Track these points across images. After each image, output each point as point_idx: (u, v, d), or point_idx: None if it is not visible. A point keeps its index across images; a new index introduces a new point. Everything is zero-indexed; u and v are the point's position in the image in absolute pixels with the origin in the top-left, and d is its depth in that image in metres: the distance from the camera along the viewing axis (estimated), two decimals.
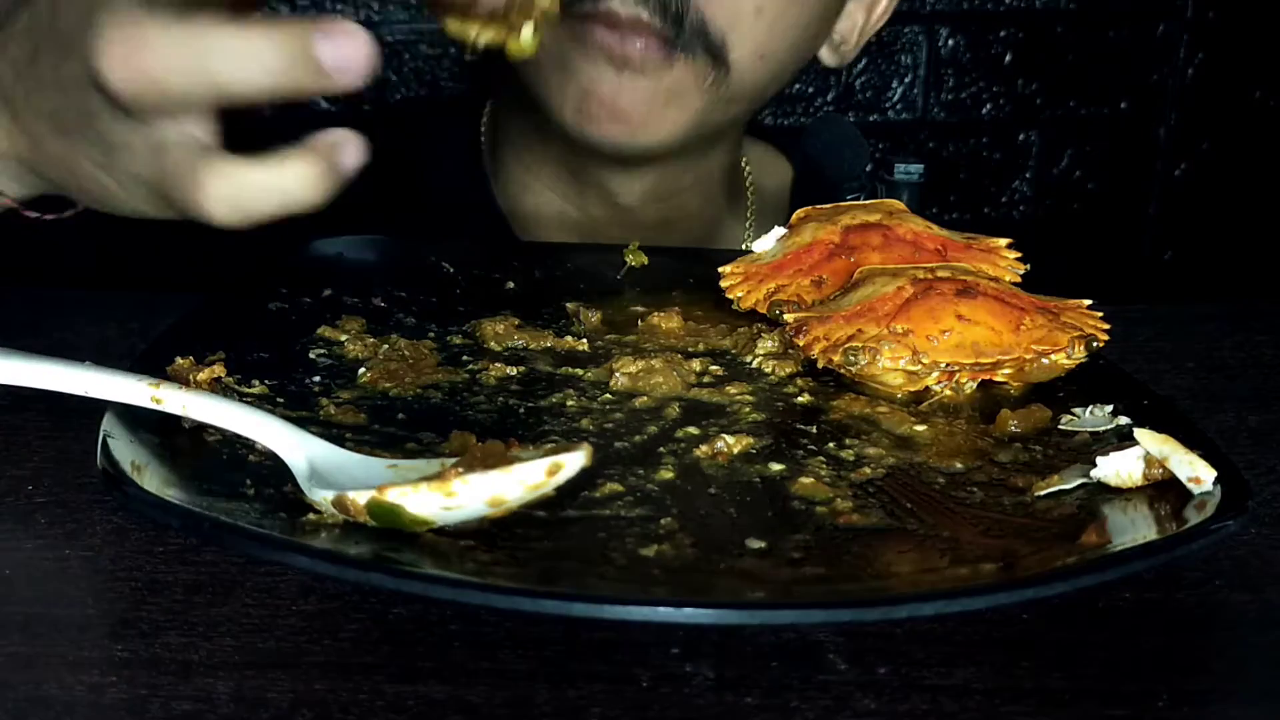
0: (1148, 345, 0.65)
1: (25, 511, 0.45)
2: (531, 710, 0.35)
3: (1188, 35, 1.65)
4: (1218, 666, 0.40)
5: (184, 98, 0.43)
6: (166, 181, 0.45)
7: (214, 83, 0.42)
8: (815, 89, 1.62)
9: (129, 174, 0.46)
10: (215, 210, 0.43)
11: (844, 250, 0.59)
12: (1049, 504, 0.44)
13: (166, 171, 0.45)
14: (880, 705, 0.36)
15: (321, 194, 0.44)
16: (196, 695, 0.35)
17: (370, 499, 0.39)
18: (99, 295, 0.69)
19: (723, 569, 0.39)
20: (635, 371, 0.52)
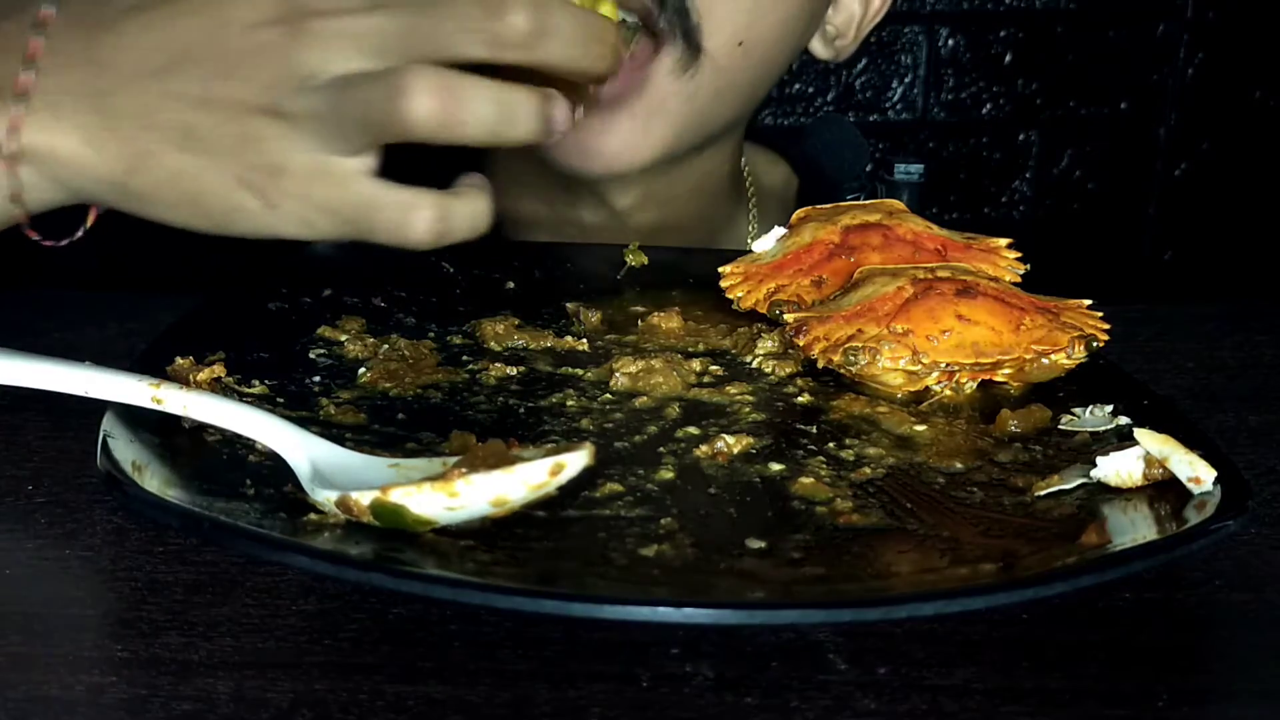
0: (1148, 345, 0.65)
1: (25, 511, 0.45)
2: (531, 710, 0.35)
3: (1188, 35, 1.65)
4: (1218, 666, 0.40)
5: (467, 138, 0.49)
6: (356, 207, 0.50)
7: (492, 131, 0.50)
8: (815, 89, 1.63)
9: (292, 195, 0.50)
10: (422, 237, 0.50)
11: (844, 250, 0.59)
12: (1049, 504, 0.44)
13: (358, 198, 0.50)
14: (880, 705, 0.36)
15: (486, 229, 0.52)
16: (196, 695, 0.35)
17: (374, 499, 0.39)
18: (99, 295, 0.69)
19: (723, 569, 0.39)
20: (635, 371, 0.52)
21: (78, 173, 0.52)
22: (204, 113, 0.50)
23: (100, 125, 0.51)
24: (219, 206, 0.51)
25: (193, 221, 0.53)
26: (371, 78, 0.49)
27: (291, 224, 0.51)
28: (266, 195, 0.50)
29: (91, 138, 0.52)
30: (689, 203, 0.83)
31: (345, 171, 0.50)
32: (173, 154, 0.51)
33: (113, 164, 0.52)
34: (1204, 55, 1.66)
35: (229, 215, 0.52)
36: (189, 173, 0.51)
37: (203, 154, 0.51)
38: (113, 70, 0.51)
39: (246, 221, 0.52)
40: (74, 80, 0.52)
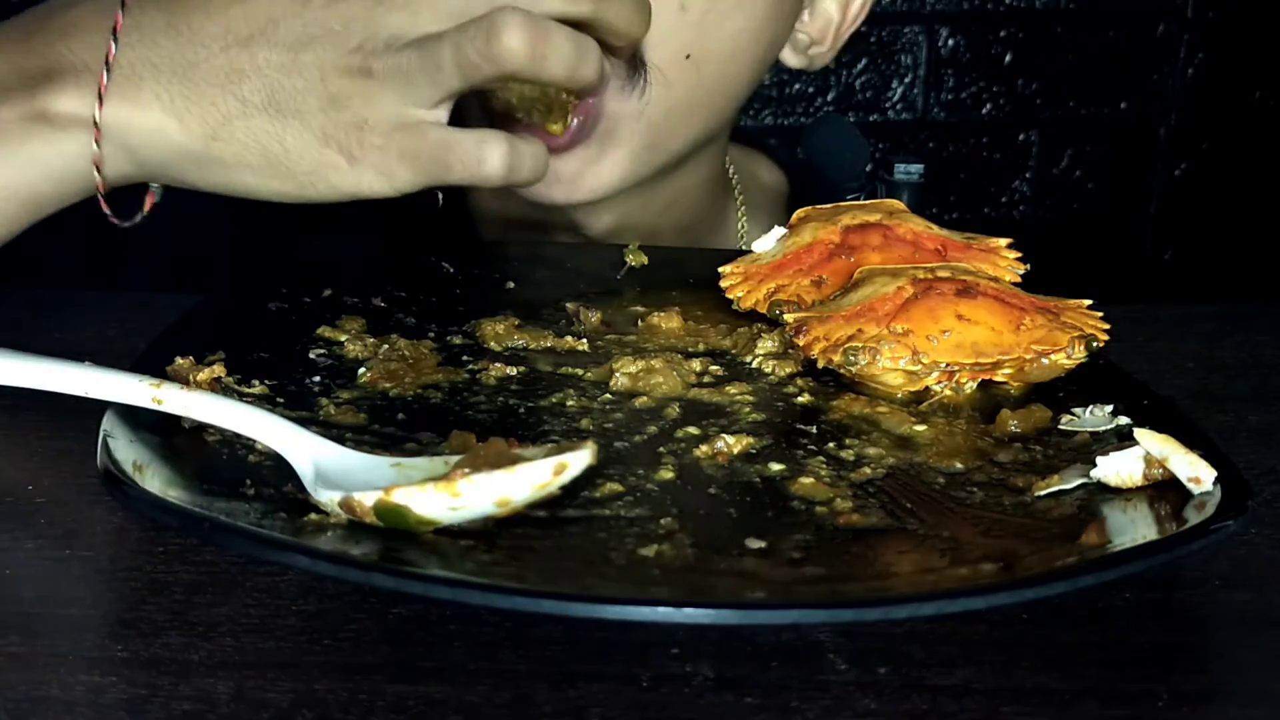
0: (1148, 345, 0.65)
1: (25, 511, 0.45)
2: (531, 710, 0.35)
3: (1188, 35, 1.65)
4: (1218, 666, 0.40)
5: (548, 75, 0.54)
6: (434, 148, 0.54)
7: (570, 68, 0.54)
8: (815, 89, 1.63)
9: (374, 147, 0.54)
10: (495, 168, 0.55)
11: (844, 250, 0.59)
12: (1049, 504, 0.44)
13: (436, 141, 0.54)
14: (880, 705, 0.36)
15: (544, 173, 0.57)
16: (196, 695, 0.35)
17: (377, 501, 0.39)
18: (99, 295, 0.69)
19: (723, 569, 0.39)
20: (635, 371, 0.52)
21: (156, 144, 0.56)
22: (291, 77, 0.54)
23: (183, 95, 0.55)
24: (303, 166, 0.55)
25: (274, 184, 0.56)
26: (464, 26, 0.53)
27: (373, 176, 0.55)
28: (350, 150, 0.55)
29: (173, 107, 0.55)
30: (667, 216, 0.82)
31: (422, 120, 0.55)
32: (258, 118, 0.55)
33: (194, 131, 0.55)
34: (1204, 55, 1.66)
35: (312, 174, 0.55)
36: (274, 134, 0.55)
37: (289, 116, 0.55)
38: (198, 41, 0.55)
39: (329, 178, 0.56)
40: (158, 52, 0.55)
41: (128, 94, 0.55)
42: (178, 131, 0.56)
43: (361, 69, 0.54)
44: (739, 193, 0.88)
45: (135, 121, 0.56)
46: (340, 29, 0.54)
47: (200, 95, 0.55)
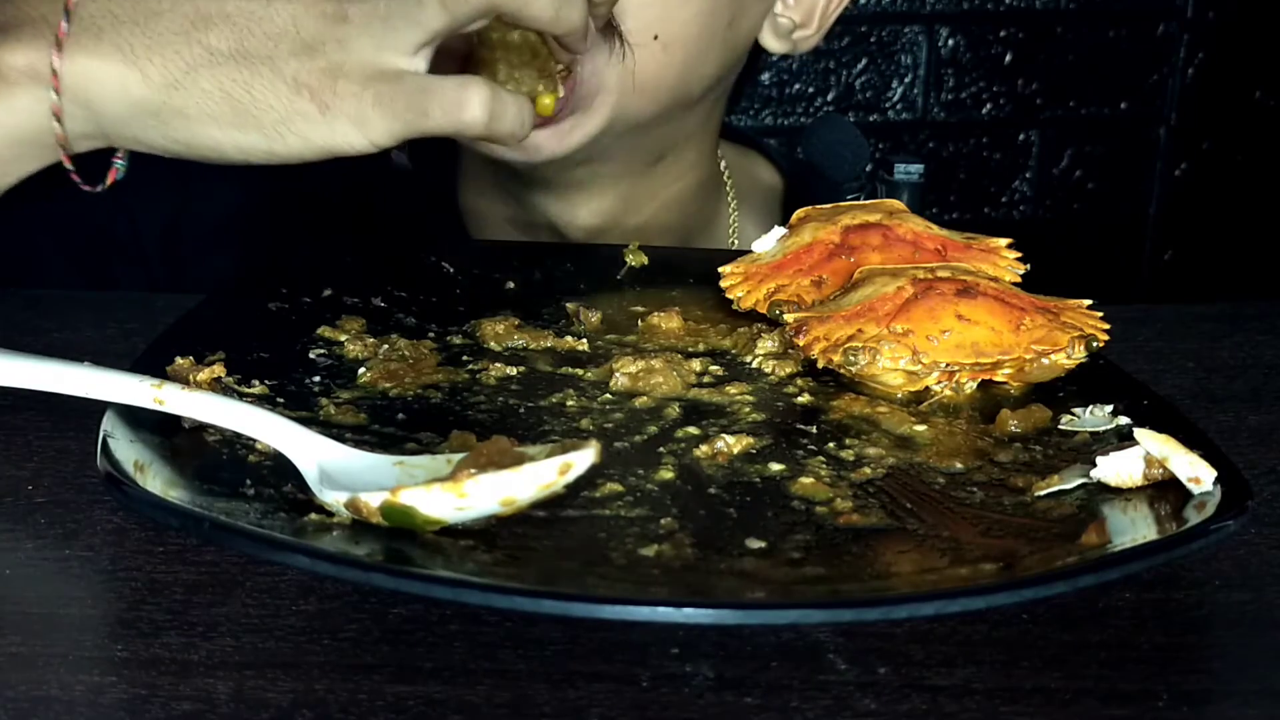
0: (1148, 345, 0.65)
1: (25, 511, 0.45)
2: (531, 710, 0.35)
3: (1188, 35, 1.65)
4: (1218, 666, 0.40)
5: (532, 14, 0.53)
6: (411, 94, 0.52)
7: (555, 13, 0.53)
8: (815, 89, 1.63)
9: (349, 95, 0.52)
10: (476, 114, 0.52)
11: (844, 250, 0.59)
12: (1049, 504, 0.44)
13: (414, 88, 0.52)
14: (880, 705, 0.36)
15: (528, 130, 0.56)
16: (196, 695, 0.35)
17: (384, 502, 0.39)
18: (99, 295, 0.69)
19: (723, 569, 0.39)
20: (635, 371, 0.52)
21: (115, 97, 0.53)
22: (262, 23, 0.52)
23: (145, 45, 0.53)
24: (272, 116, 0.53)
25: (240, 137, 0.53)
26: None
27: (347, 127, 0.52)
28: (323, 98, 0.52)
29: (133, 57, 0.53)
30: (654, 215, 0.82)
31: (399, 68, 0.53)
32: (224, 66, 0.52)
33: (156, 81, 0.53)
34: (1204, 55, 1.66)
35: (281, 124, 0.53)
36: (241, 81, 0.52)
37: (259, 63, 0.52)
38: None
39: (300, 129, 0.53)
40: (120, 4, 0.53)
41: (86, 45, 0.53)
42: (138, 83, 0.53)
43: (336, 14, 0.52)
44: (731, 193, 0.88)
45: (94, 73, 0.53)
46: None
47: (164, 44, 0.53)
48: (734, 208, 0.87)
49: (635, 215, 0.80)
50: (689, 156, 0.81)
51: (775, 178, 0.93)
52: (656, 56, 0.71)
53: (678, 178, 0.81)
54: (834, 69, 1.62)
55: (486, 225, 0.83)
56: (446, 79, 0.53)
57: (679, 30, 0.71)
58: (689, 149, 0.81)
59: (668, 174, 0.80)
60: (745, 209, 0.88)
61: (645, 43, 0.70)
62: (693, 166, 0.83)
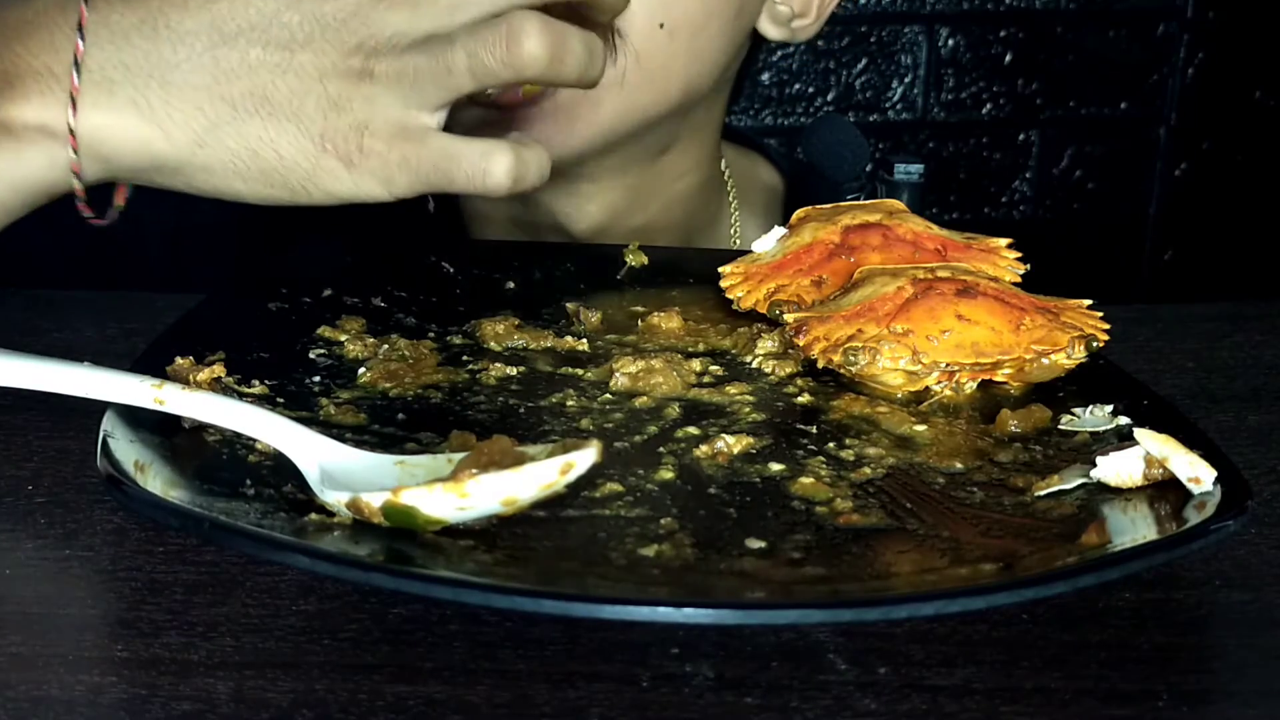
0: (1148, 345, 0.65)
1: (25, 511, 0.45)
2: (531, 710, 0.35)
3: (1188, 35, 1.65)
4: (1218, 666, 0.40)
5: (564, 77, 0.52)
6: (437, 158, 0.52)
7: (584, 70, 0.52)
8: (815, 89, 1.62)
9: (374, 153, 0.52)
10: (501, 180, 0.52)
11: (844, 250, 0.59)
12: (1049, 504, 0.44)
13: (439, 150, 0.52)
14: (880, 705, 0.36)
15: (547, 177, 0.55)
16: (196, 695, 0.35)
17: (385, 502, 0.39)
18: (99, 295, 0.69)
19: (723, 569, 0.39)
20: (635, 371, 0.52)
21: (132, 152, 0.52)
22: (286, 77, 0.51)
23: (162, 99, 0.51)
24: (298, 172, 0.52)
25: (265, 191, 0.53)
26: (475, 28, 0.51)
27: (371, 183, 0.52)
28: (349, 156, 0.52)
29: (151, 113, 0.51)
30: (657, 214, 0.81)
31: (424, 126, 0.52)
32: (250, 123, 0.51)
33: (178, 139, 0.52)
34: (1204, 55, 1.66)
35: (307, 180, 0.53)
36: (267, 140, 0.52)
37: (284, 120, 0.51)
38: (177, 38, 0.51)
39: (326, 185, 0.52)
40: (131, 53, 0.51)
41: (100, 101, 0.51)
42: (160, 140, 0.52)
43: (363, 70, 0.51)
44: (733, 193, 0.88)
45: (112, 130, 0.52)
46: (338, 26, 0.51)
47: (184, 100, 0.51)
48: (734, 207, 0.87)
49: (640, 212, 0.80)
50: (693, 152, 0.81)
51: (775, 178, 0.93)
52: (663, 45, 0.71)
53: (682, 174, 0.81)
54: (834, 69, 1.61)
55: (488, 226, 0.83)
56: (471, 145, 0.53)
57: (683, 16, 0.71)
58: (693, 144, 0.81)
59: (673, 169, 0.80)
60: (746, 209, 0.88)
61: (651, 31, 0.70)
62: (696, 163, 0.82)
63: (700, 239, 0.85)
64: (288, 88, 0.51)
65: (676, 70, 0.73)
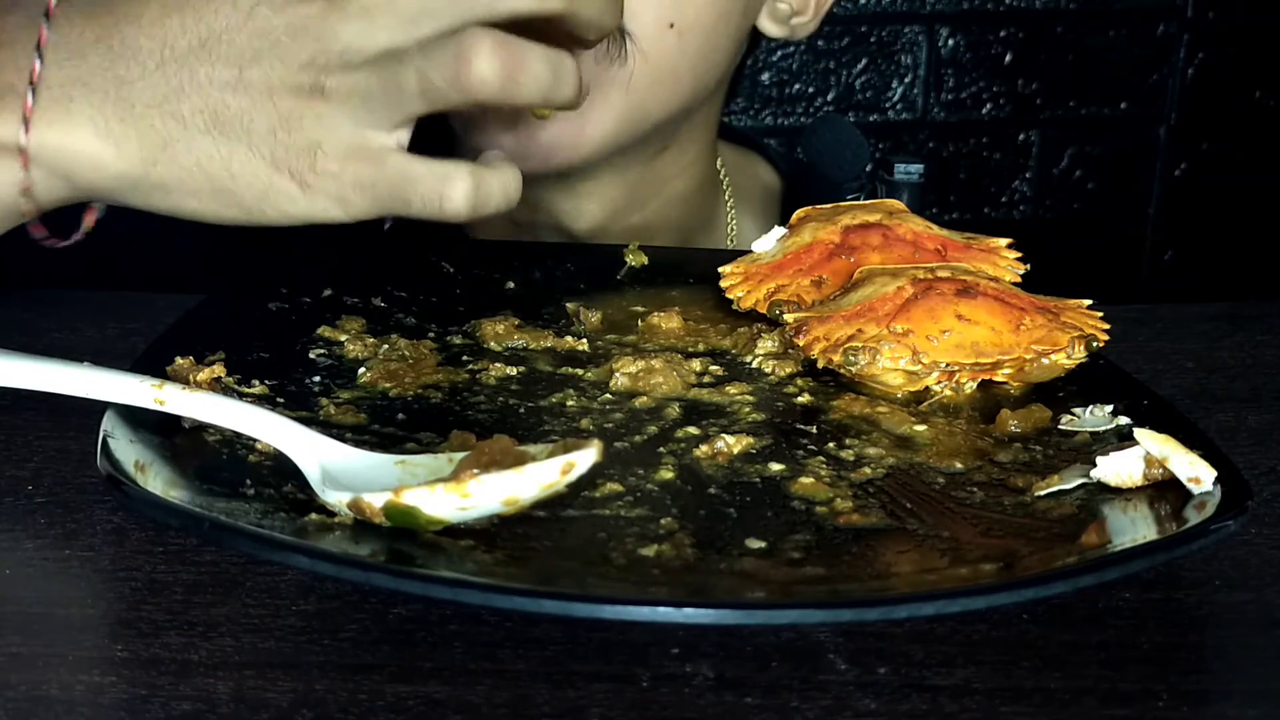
0: (1148, 345, 0.65)
1: (25, 511, 0.45)
2: (531, 710, 0.35)
3: (1188, 35, 1.65)
4: (1218, 666, 0.40)
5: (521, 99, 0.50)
6: (393, 181, 0.50)
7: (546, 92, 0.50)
8: (815, 89, 1.62)
9: (328, 174, 0.50)
10: (459, 206, 0.50)
11: (844, 250, 0.59)
12: (1049, 504, 0.44)
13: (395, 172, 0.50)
14: (880, 705, 0.36)
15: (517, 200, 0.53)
16: (196, 695, 0.35)
17: (387, 502, 0.39)
18: (99, 295, 0.69)
19: (723, 569, 0.39)
20: (635, 371, 0.52)
21: (89, 168, 0.51)
22: (236, 95, 0.50)
23: (117, 116, 0.50)
24: (251, 192, 0.51)
25: (220, 211, 0.52)
26: (429, 44, 0.48)
27: (326, 204, 0.51)
28: (302, 176, 0.50)
29: (107, 130, 0.51)
30: (655, 214, 0.81)
31: (381, 147, 0.50)
32: (201, 140, 0.50)
33: (131, 156, 0.51)
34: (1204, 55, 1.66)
35: (261, 200, 0.51)
36: (219, 158, 0.50)
37: (234, 138, 0.50)
38: (131, 56, 0.50)
39: (280, 205, 0.51)
40: (87, 69, 0.51)
41: (57, 117, 0.51)
42: (113, 158, 0.51)
43: (313, 87, 0.49)
44: (729, 192, 0.88)
45: (67, 146, 0.51)
46: (289, 42, 0.49)
47: (136, 117, 0.50)
48: (731, 206, 0.87)
49: (638, 211, 0.80)
50: (690, 151, 0.81)
51: (774, 177, 0.93)
52: (672, 45, 0.70)
53: (680, 172, 0.81)
54: (834, 69, 1.61)
55: (488, 226, 0.83)
56: (429, 167, 0.51)
57: (693, 17, 0.71)
58: (690, 143, 0.81)
59: (671, 167, 0.80)
60: (744, 209, 0.88)
61: (661, 33, 0.70)
62: (694, 161, 0.82)
63: (697, 238, 0.85)
64: (238, 105, 0.50)
65: (685, 70, 0.72)
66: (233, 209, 0.52)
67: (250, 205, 0.51)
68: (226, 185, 0.51)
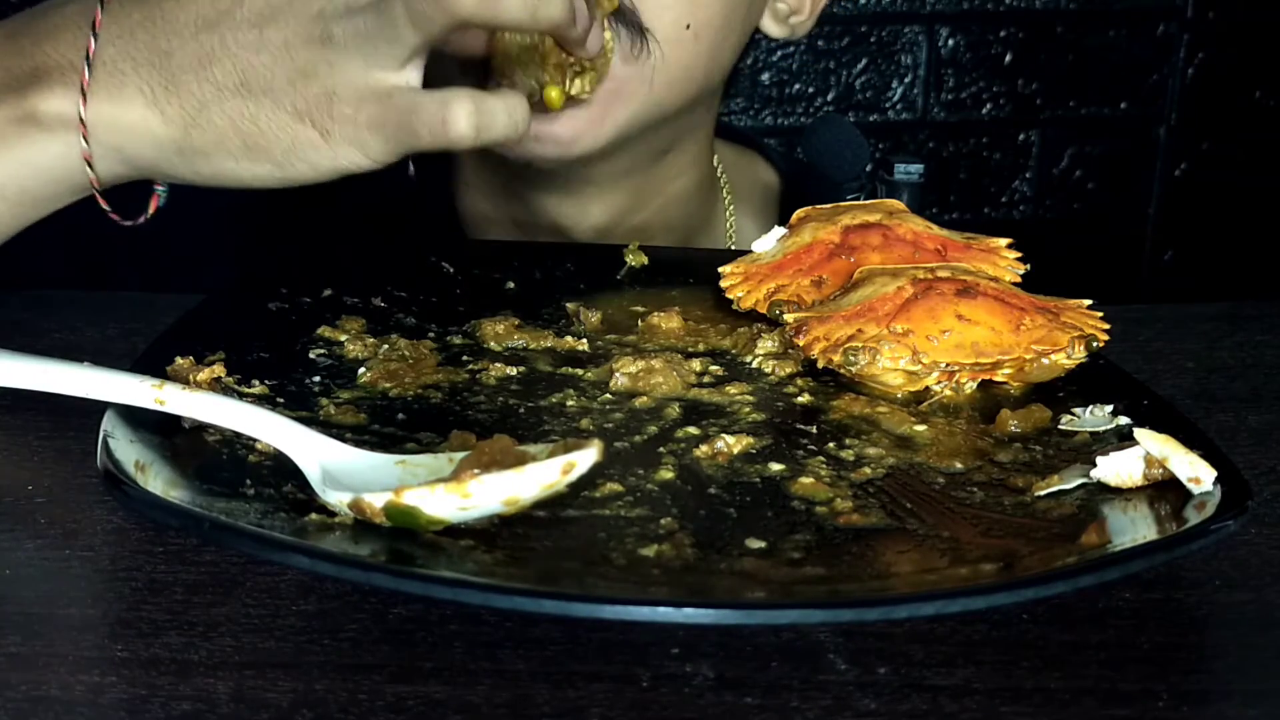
0: (1148, 345, 0.65)
1: (25, 511, 0.45)
2: (531, 710, 0.35)
3: (1188, 35, 1.65)
4: (1218, 666, 0.40)
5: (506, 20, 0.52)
6: (400, 114, 0.53)
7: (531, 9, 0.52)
8: (815, 89, 1.62)
9: (345, 118, 0.54)
10: (463, 130, 0.53)
11: (844, 250, 0.59)
12: (1049, 504, 0.44)
13: (402, 106, 0.53)
14: (880, 705, 0.36)
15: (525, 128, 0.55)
16: (196, 695, 0.35)
17: (387, 503, 0.39)
18: (99, 295, 0.69)
19: (723, 569, 0.39)
20: (635, 371, 0.52)
21: (140, 139, 0.56)
22: (259, 54, 0.54)
23: (162, 85, 0.55)
24: (279, 145, 0.55)
25: (255, 168, 0.56)
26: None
27: (346, 150, 0.55)
28: (322, 124, 0.54)
29: (154, 99, 0.55)
30: (656, 215, 0.82)
31: (390, 86, 0.54)
32: (231, 100, 0.55)
33: (175, 121, 0.55)
34: (1204, 55, 1.66)
35: (290, 153, 0.55)
36: (248, 115, 0.55)
37: (260, 95, 0.54)
38: (171, 29, 0.55)
39: (307, 156, 0.55)
40: (136, 46, 0.56)
41: (111, 90, 0.56)
42: (159, 124, 0.56)
43: (323, 36, 0.53)
44: (727, 192, 0.88)
45: (119, 118, 0.56)
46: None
47: (177, 84, 0.55)
48: (730, 206, 0.88)
49: (640, 213, 0.80)
50: (691, 151, 0.82)
51: (773, 177, 0.93)
52: (688, 45, 0.72)
53: (680, 173, 0.82)
54: (834, 69, 1.61)
55: (488, 229, 0.83)
56: (431, 95, 0.54)
57: (707, 17, 0.72)
58: (691, 143, 0.81)
59: (672, 168, 0.81)
60: (743, 208, 0.88)
61: (678, 34, 0.71)
62: (694, 162, 0.83)
63: (697, 237, 0.85)
64: (260, 64, 0.54)
65: (698, 69, 0.74)
66: (266, 164, 0.56)
67: (281, 159, 0.56)
68: (258, 141, 0.55)
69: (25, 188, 0.58)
